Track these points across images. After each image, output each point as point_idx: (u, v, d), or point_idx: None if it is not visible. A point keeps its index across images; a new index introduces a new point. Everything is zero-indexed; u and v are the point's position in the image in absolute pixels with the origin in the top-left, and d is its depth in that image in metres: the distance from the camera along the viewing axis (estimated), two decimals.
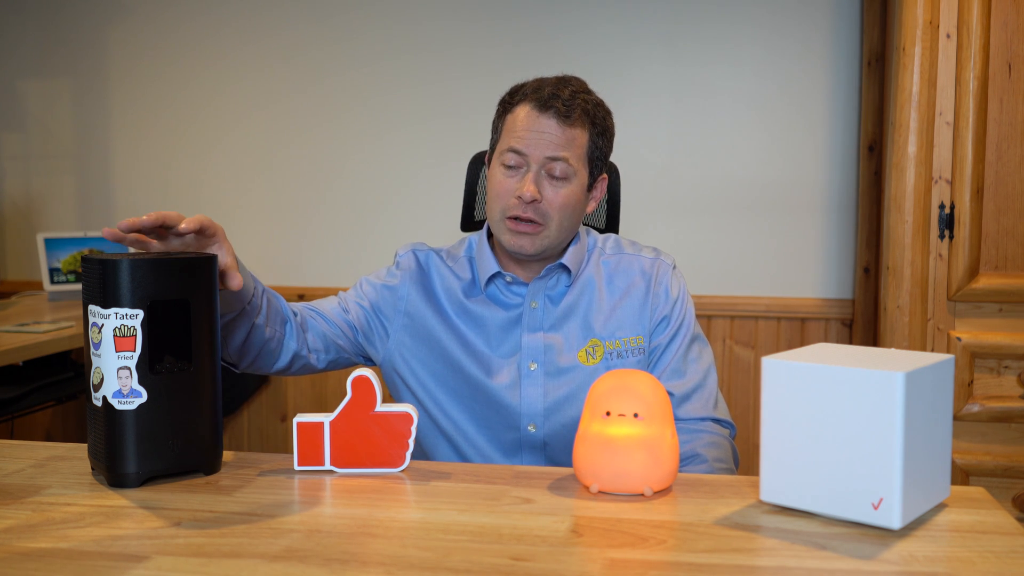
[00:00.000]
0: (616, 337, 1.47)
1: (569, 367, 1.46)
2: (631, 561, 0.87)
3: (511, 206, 1.41)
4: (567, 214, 1.42)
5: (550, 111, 1.39)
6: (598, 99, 1.46)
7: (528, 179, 1.39)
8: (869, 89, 2.75)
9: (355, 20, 3.13)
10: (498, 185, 1.42)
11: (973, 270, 2.26)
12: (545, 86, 1.41)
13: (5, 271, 3.43)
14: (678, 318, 1.50)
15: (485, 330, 1.48)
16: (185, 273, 1.10)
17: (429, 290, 1.51)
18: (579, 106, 1.40)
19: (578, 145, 1.41)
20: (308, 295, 3.18)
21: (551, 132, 1.39)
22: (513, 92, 1.45)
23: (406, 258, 1.54)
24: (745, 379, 2.93)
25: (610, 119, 1.48)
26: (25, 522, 0.98)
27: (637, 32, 2.94)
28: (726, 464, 1.41)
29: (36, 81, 3.37)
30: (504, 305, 1.49)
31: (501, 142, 1.44)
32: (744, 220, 2.92)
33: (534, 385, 1.45)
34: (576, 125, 1.40)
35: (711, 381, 1.50)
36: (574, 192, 1.42)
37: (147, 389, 1.09)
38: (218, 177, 3.26)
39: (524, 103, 1.41)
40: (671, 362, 1.48)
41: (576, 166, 1.41)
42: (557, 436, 1.45)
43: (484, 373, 1.46)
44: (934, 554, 0.89)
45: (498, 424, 1.46)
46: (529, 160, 1.40)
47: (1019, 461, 2.26)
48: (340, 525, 0.97)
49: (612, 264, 1.52)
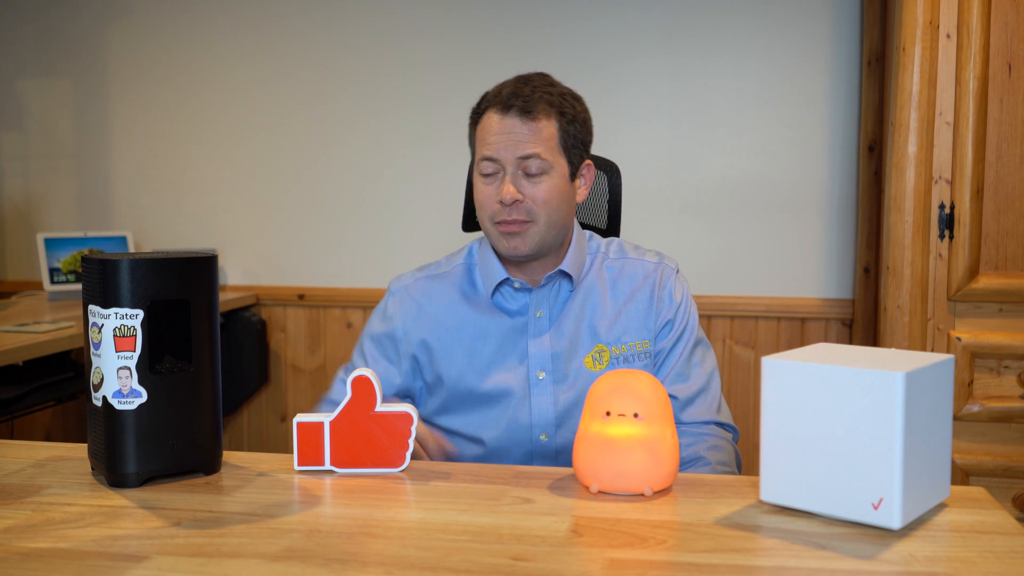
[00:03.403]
0: (622, 342, 1.47)
1: (576, 373, 1.46)
2: (631, 561, 0.87)
3: (496, 212, 1.41)
4: (553, 207, 1.42)
5: (512, 111, 1.39)
6: (564, 88, 1.46)
7: (506, 182, 1.39)
8: (869, 89, 2.75)
9: (360, 29, 3.13)
10: (480, 195, 1.43)
11: (973, 270, 2.26)
12: (505, 88, 1.42)
13: (5, 271, 3.43)
14: (682, 322, 1.50)
15: (491, 343, 1.48)
16: (185, 273, 1.10)
17: (425, 321, 1.51)
18: (541, 99, 1.40)
19: (547, 137, 1.40)
20: (308, 295, 3.18)
21: (517, 131, 1.39)
22: (479, 102, 1.46)
23: (394, 302, 1.53)
24: (745, 379, 2.93)
25: (580, 105, 1.46)
26: (25, 522, 0.98)
27: (637, 32, 2.94)
28: (729, 467, 1.41)
29: (36, 81, 3.37)
30: (510, 313, 1.49)
31: (476, 153, 1.45)
32: (744, 220, 2.92)
33: (544, 394, 1.45)
34: (541, 118, 1.40)
35: (715, 385, 1.50)
36: (556, 184, 1.41)
37: (147, 389, 1.09)
38: (219, 177, 3.26)
39: (489, 110, 1.42)
40: (675, 366, 1.48)
41: (551, 158, 1.40)
42: (569, 444, 1.45)
43: (494, 388, 1.46)
44: (934, 554, 0.89)
45: (510, 436, 1.46)
46: (503, 164, 1.40)
47: (1019, 461, 2.26)
48: (340, 525, 0.97)
49: (616, 269, 1.52)
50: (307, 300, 3.19)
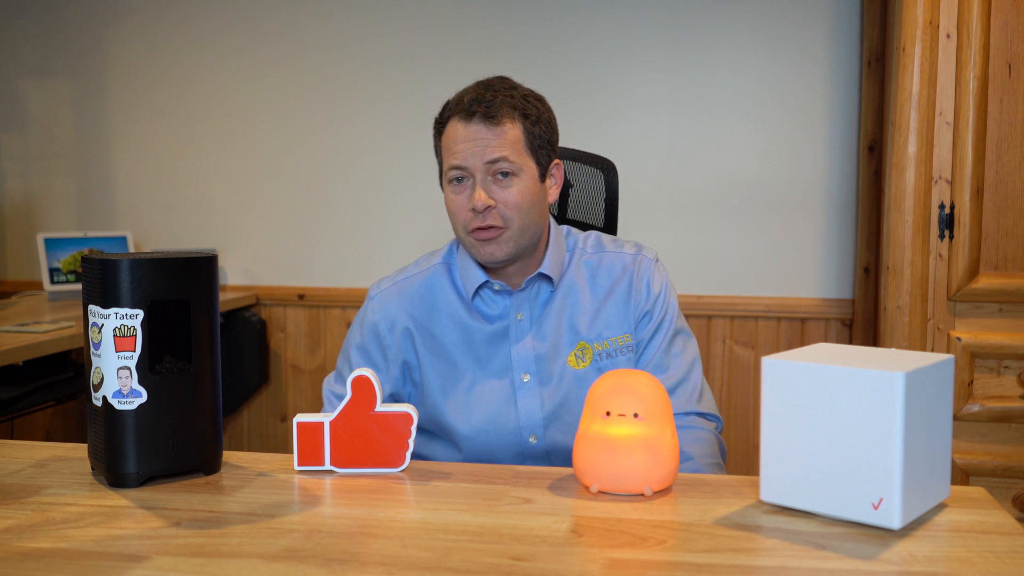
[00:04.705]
0: (604, 338, 1.47)
1: (561, 373, 1.46)
2: (631, 561, 0.87)
3: (469, 220, 1.41)
4: (525, 209, 1.41)
5: (476, 117, 1.39)
6: (525, 90, 1.45)
7: (476, 189, 1.39)
8: (869, 89, 2.75)
9: (358, 23, 3.13)
10: (451, 204, 1.43)
11: (973, 270, 2.26)
12: (466, 95, 1.42)
13: (5, 271, 3.43)
14: (660, 312, 1.49)
15: (474, 347, 1.47)
16: (185, 273, 1.10)
17: (409, 324, 1.50)
18: (503, 103, 1.40)
19: (513, 140, 1.40)
20: (308, 295, 3.18)
21: (482, 137, 1.39)
22: (441, 112, 1.46)
23: (374, 308, 1.52)
24: (745, 379, 2.93)
25: (543, 105, 1.46)
26: (25, 522, 0.98)
27: (637, 31, 2.94)
28: (713, 459, 1.41)
29: (36, 81, 3.37)
30: (490, 318, 1.48)
31: (443, 163, 1.44)
32: (744, 220, 2.92)
33: (530, 396, 1.45)
34: (505, 122, 1.39)
35: (695, 375, 1.49)
36: (526, 186, 1.41)
37: (147, 389, 1.09)
38: (219, 177, 3.26)
39: (452, 119, 1.42)
40: (653, 357, 1.48)
41: (519, 161, 1.40)
42: (558, 445, 1.45)
43: (479, 393, 1.46)
44: (934, 554, 0.89)
45: (499, 441, 1.45)
46: (471, 171, 1.39)
47: (1019, 461, 2.26)
48: (340, 525, 0.97)
49: (594, 263, 1.51)
50: (307, 300, 3.19)
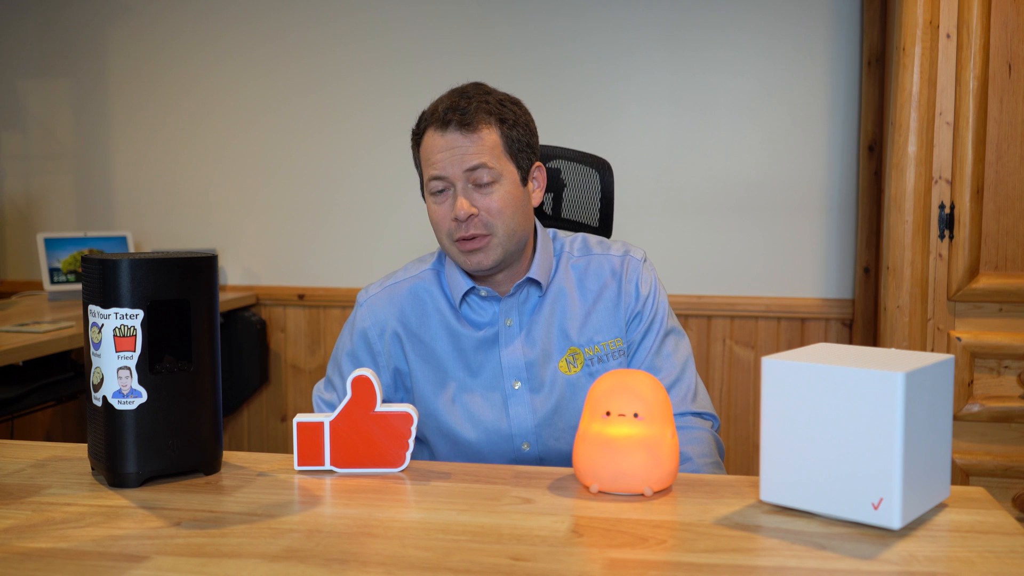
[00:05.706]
0: (594, 343, 1.46)
1: (552, 379, 1.45)
2: (631, 561, 0.87)
3: (453, 229, 1.39)
4: (510, 214, 1.40)
5: (452, 126, 1.38)
6: (501, 95, 1.44)
7: (458, 198, 1.38)
8: (869, 89, 2.75)
9: (358, 23, 3.13)
10: (434, 215, 1.42)
11: (973, 270, 2.26)
12: (441, 105, 1.41)
13: (5, 271, 3.43)
14: (650, 314, 1.48)
15: (464, 354, 1.46)
16: (185, 273, 1.10)
17: (398, 330, 1.49)
18: (479, 109, 1.39)
19: (491, 145, 1.39)
20: (308, 295, 3.18)
21: (459, 145, 1.38)
22: (417, 123, 1.45)
23: (363, 314, 1.52)
24: (745, 379, 2.93)
25: (519, 108, 1.45)
26: (25, 522, 0.98)
27: (636, 31, 2.94)
28: (711, 458, 1.40)
29: (36, 81, 3.37)
30: (477, 324, 1.47)
31: (423, 175, 1.44)
32: (744, 220, 2.92)
33: (521, 404, 1.44)
34: (481, 128, 1.38)
35: (689, 374, 1.48)
36: (508, 191, 1.40)
37: (147, 389, 1.09)
38: (219, 177, 3.26)
39: (429, 129, 1.41)
40: (645, 359, 1.47)
41: (498, 166, 1.39)
42: (551, 451, 1.45)
43: (470, 401, 1.45)
44: (934, 554, 0.89)
45: (491, 449, 1.45)
46: (451, 180, 1.39)
47: (1019, 461, 2.26)
48: (340, 525, 0.97)
49: (582, 267, 1.50)
50: (307, 300, 3.19)
